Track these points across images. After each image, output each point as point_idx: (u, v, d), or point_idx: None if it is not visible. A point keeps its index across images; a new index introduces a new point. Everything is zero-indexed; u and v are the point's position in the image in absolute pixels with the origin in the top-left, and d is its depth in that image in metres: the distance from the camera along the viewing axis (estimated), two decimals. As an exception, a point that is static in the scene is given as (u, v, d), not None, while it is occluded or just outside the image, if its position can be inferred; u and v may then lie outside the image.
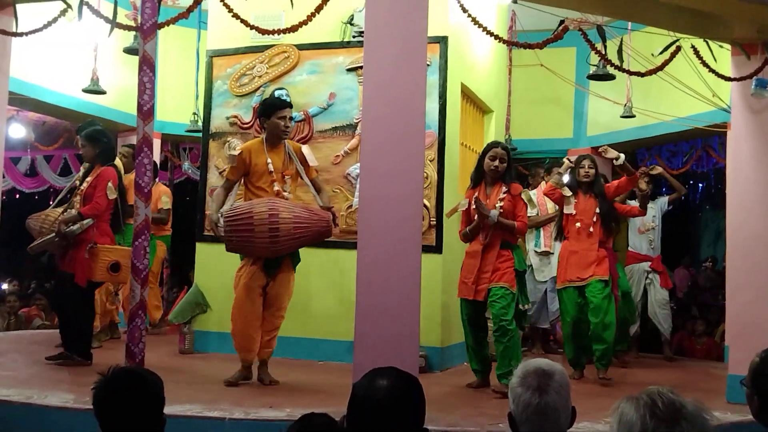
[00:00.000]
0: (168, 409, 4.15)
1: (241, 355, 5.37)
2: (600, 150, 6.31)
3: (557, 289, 6.25)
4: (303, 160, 5.45)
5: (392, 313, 4.16)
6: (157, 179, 8.06)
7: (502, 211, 5.43)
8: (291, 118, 5.50)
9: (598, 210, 6.13)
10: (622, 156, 6.08)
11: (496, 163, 5.50)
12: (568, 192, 6.19)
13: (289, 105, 5.58)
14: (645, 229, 7.59)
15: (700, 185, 13.36)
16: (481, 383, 5.64)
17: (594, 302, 5.95)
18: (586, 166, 6.18)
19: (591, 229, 6.12)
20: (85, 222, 5.75)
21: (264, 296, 5.34)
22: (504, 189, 5.50)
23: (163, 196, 7.79)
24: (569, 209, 6.17)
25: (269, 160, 5.34)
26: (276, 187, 5.34)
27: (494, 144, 5.69)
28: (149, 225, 4.28)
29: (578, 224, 6.14)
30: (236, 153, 5.37)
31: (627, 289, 6.97)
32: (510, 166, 5.58)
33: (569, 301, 6.12)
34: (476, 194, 5.54)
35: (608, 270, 6.06)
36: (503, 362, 5.34)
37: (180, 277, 11.43)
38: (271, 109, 5.40)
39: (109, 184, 5.84)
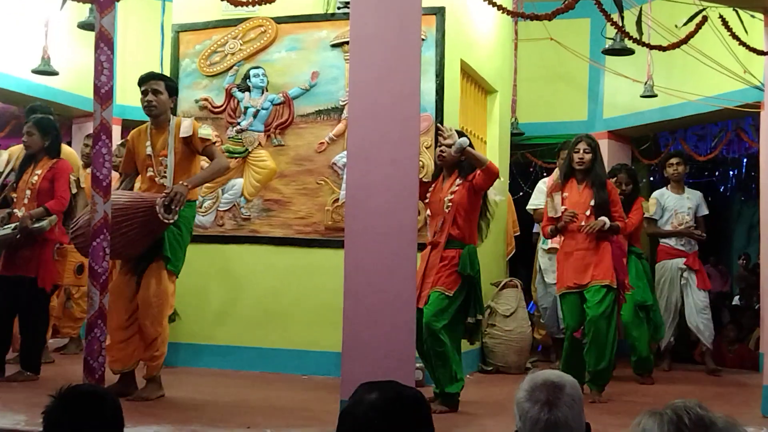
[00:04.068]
0: None
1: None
2: None
3: (557, 295, 6.04)
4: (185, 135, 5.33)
5: (385, 320, 4.16)
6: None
7: (450, 204, 5.19)
8: (156, 91, 5.39)
9: (592, 202, 5.68)
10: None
11: (442, 148, 5.31)
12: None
13: (152, 77, 5.53)
14: (679, 224, 7.25)
15: (731, 172, 13.39)
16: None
17: (590, 314, 5.54)
18: (581, 150, 5.74)
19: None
20: (53, 218, 5.86)
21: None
22: (458, 181, 5.25)
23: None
24: (552, 211, 5.79)
25: (148, 143, 5.39)
26: (149, 173, 5.38)
27: None
28: (108, 223, 4.27)
29: None
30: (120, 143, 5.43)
31: (649, 301, 6.72)
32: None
33: (569, 310, 5.73)
34: (432, 186, 5.39)
35: (610, 270, 5.62)
36: (434, 373, 5.09)
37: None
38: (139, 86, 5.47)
39: (72, 177, 5.98)
